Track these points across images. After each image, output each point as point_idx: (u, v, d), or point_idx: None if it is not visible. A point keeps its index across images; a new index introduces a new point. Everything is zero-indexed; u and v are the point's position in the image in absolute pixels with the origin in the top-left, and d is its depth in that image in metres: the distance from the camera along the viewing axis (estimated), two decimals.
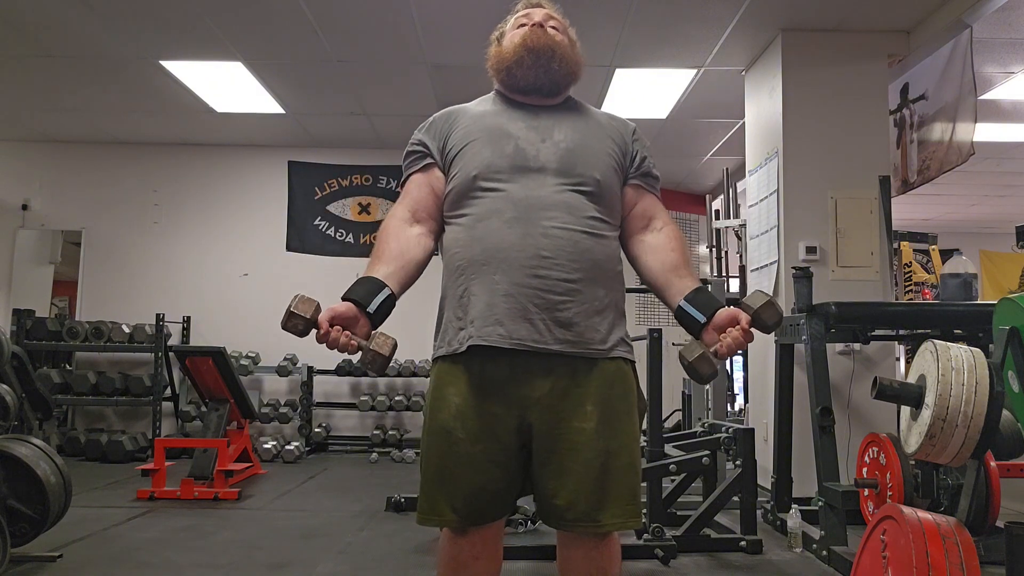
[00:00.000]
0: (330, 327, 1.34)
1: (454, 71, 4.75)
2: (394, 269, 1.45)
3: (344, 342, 1.33)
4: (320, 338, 1.34)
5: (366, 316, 1.38)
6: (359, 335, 1.36)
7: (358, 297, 1.39)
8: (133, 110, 5.63)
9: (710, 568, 2.96)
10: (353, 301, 1.38)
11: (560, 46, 1.56)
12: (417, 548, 3.17)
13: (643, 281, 1.59)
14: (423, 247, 1.52)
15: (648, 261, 1.56)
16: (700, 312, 1.44)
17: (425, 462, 1.49)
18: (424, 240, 1.53)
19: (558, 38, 1.57)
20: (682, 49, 4.40)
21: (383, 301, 1.40)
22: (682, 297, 1.47)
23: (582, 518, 1.41)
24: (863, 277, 4.03)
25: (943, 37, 3.98)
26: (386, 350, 1.35)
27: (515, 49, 1.56)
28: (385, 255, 1.47)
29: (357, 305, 1.38)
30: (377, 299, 1.39)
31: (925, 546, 1.82)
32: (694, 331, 1.45)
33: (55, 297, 6.64)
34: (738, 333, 1.38)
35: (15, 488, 2.77)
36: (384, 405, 6.04)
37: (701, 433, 3.88)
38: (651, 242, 1.57)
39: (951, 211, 8.51)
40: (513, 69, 1.56)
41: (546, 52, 1.54)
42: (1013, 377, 2.23)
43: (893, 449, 3.04)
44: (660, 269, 1.54)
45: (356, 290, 1.40)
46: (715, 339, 1.40)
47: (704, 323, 1.43)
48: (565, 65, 1.56)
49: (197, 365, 4.77)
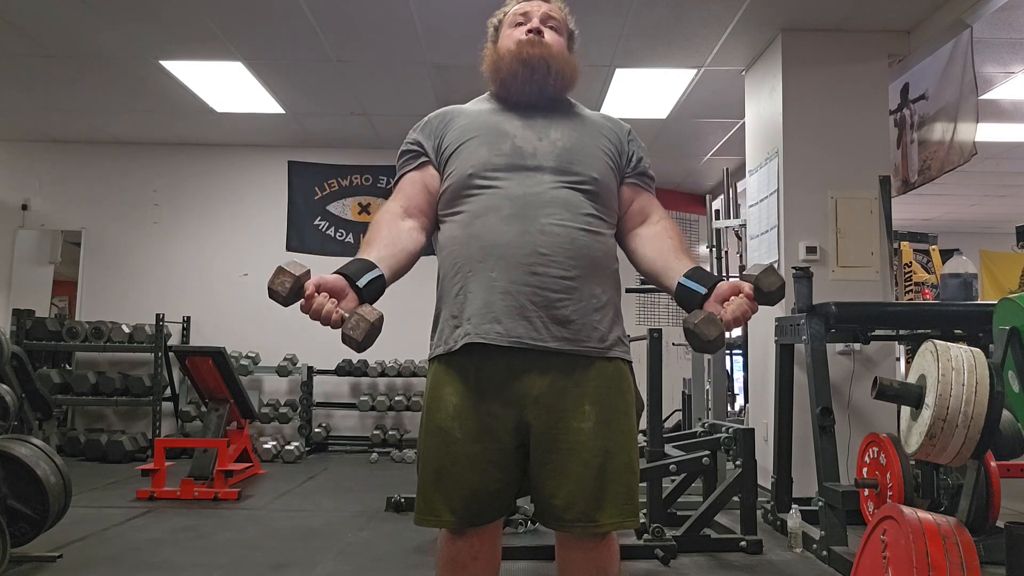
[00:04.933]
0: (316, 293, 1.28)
1: (454, 71, 4.75)
2: (385, 254, 1.41)
3: (329, 309, 1.26)
4: (305, 304, 1.27)
5: (355, 291, 1.32)
6: (345, 309, 1.29)
7: (348, 272, 1.34)
8: (133, 110, 5.63)
9: (710, 568, 2.96)
10: (343, 275, 1.33)
11: (556, 58, 1.54)
12: (417, 548, 3.17)
13: (641, 272, 1.57)
14: (415, 239, 1.49)
15: (645, 250, 1.55)
16: (700, 285, 1.40)
17: (423, 462, 1.48)
18: (416, 234, 1.50)
19: (554, 50, 1.55)
20: (682, 49, 4.40)
21: (374, 279, 1.35)
22: (681, 275, 1.43)
23: (580, 518, 1.41)
24: (863, 277, 4.03)
25: (943, 37, 3.97)
26: (372, 316, 1.26)
27: (510, 61, 1.54)
28: (376, 241, 1.44)
29: (347, 280, 1.33)
30: (368, 275, 1.34)
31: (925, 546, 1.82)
32: (695, 305, 1.40)
33: (55, 297, 6.64)
34: (742, 299, 1.34)
35: (15, 488, 2.77)
36: (384, 405, 6.04)
37: (701, 433, 3.87)
38: (647, 233, 1.57)
39: (951, 211, 8.50)
40: (508, 82, 1.55)
41: (541, 67, 1.52)
42: (1013, 377, 2.23)
43: (893, 449, 3.04)
44: (657, 255, 1.52)
45: (347, 267, 1.35)
46: (718, 310, 1.36)
47: (705, 295, 1.38)
48: (560, 79, 1.55)
49: (197, 365, 4.76)
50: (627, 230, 1.59)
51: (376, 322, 1.27)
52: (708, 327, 1.31)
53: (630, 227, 1.59)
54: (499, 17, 1.66)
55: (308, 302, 1.27)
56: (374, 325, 1.27)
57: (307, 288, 1.27)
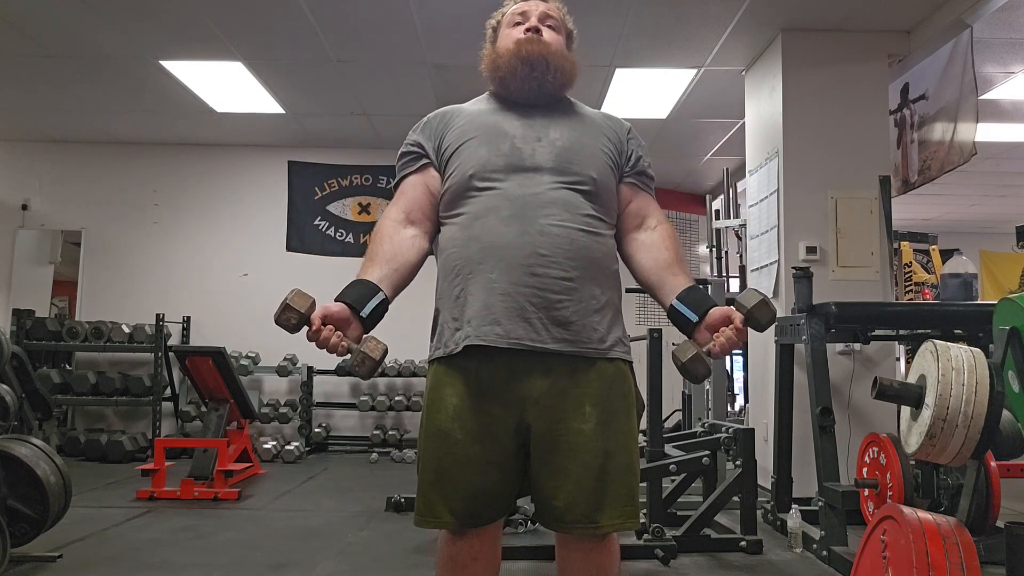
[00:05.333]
0: (322, 326, 1.34)
1: (454, 71, 4.75)
2: (388, 272, 1.44)
3: (335, 342, 1.33)
4: (311, 335, 1.34)
5: (358, 320, 1.38)
6: (350, 337, 1.36)
7: (351, 300, 1.38)
8: (133, 110, 5.63)
9: (710, 568, 2.96)
10: (346, 304, 1.38)
11: (555, 56, 1.55)
12: (417, 548, 3.17)
13: (636, 279, 1.59)
14: (417, 248, 1.51)
15: (641, 259, 1.55)
16: (692, 311, 1.43)
17: (423, 463, 1.48)
18: (418, 242, 1.52)
19: (553, 47, 1.56)
20: (682, 49, 4.40)
21: (376, 306, 1.39)
22: (675, 296, 1.46)
23: (580, 520, 1.41)
24: (863, 277, 4.03)
25: (943, 37, 3.97)
26: (376, 354, 1.34)
27: (509, 59, 1.54)
28: (379, 257, 1.46)
29: (350, 308, 1.38)
30: (371, 304, 1.39)
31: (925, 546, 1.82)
32: (687, 330, 1.44)
33: (55, 297, 6.64)
34: (731, 332, 1.38)
35: (15, 488, 2.77)
36: (384, 405, 6.04)
37: (701, 433, 3.87)
38: (644, 240, 1.57)
39: (951, 211, 8.50)
40: (507, 80, 1.55)
41: (540, 64, 1.52)
42: (1013, 377, 2.23)
43: (893, 449, 3.04)
44: (653, 267, 1.53)
45: (349, 293, 1.40)
46: (708, 339, 1.40)
47: (696, 322, 1.42)
48: (560, 76, 1.55)
49: (197, 365, 4.76)
50: (624, 232, 1.59)
51: (381, 357, 1.35)
52: (696, 366, 1.37)
53: (627, 229, 1.59)
54: (497, 18, 1.66)
55: (315, 335, 1.34)
56: (378, 362, 1.34)
57: (313, 323, 1.34)
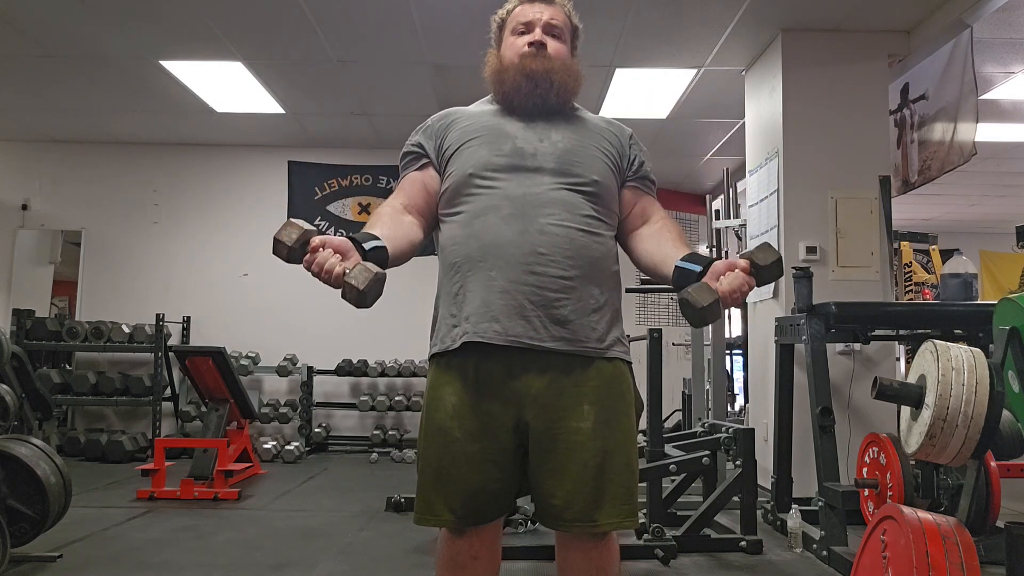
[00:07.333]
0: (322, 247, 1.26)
1: (454, 71, 4.75)
2: (388, 235, 1.40)
3: (333, 263, 1.24)
4: (309, 258, 1.26)
5: (360, 254, 1.29)
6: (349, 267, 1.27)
7: (355, 236, 1.33)
8: (133, 110, 5.63)
9: (710, 568, 2.96)
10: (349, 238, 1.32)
11: (558, 72, 1.54)
12: (417, 548, 3.17)
13: (641, 267, 1.57)
14: (416, 232, 1.50)
15: (645, 246, 1.55)
16: (695, 264, 1.38)
17: (422, 462, 1.48)
18: (416, 228, 1.51)
19: (557, 63, 1.55)
20: (682, 49, 4.40)
21: (379, 246, 1.34)
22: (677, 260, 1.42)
23: (579, 518, 1.41)
24: (863, 277, 4.03)
25: (943, 37, 3.97)
26: (375, 269, 1.23)
27: (513, 74, 1.54)
28: (379, 224, 1.43)
29: (353, 242, 1.31)
30: (373, 242, 1.33)
31: (925, 546, 1.82)
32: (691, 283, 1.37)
33: (55, 297, 6.64)
34: (737, 273, 1.32)
35: (15, 488, 2.77)
36: (384, 405, 6.04)
37: (701, 433, 3.87)
38: (647, 232, 1.57)
39: (951, 211, 8.50)
40: (510, 95, 1.55)
41: (544, 82, 1.53)
42: (1013, 377, 2.23)
43: (893, 449, 3.04)
44: (656, 248, 1.52)
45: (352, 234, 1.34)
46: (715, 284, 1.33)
47: (700, 272, 1.37)
48: (563, 93, 1.56)
49: (197, 365, 4.76)
50: (628, 231, 1.59)
51: (379, 275, 1.24)
52: (702, 293, 1.28)
53: (631, 228, 1.59)
54: (502, 15, 1.65)
55: (312, 255, 1.25)
56: (376, 277, 1.23)
57: (313, 242, 1.26)
